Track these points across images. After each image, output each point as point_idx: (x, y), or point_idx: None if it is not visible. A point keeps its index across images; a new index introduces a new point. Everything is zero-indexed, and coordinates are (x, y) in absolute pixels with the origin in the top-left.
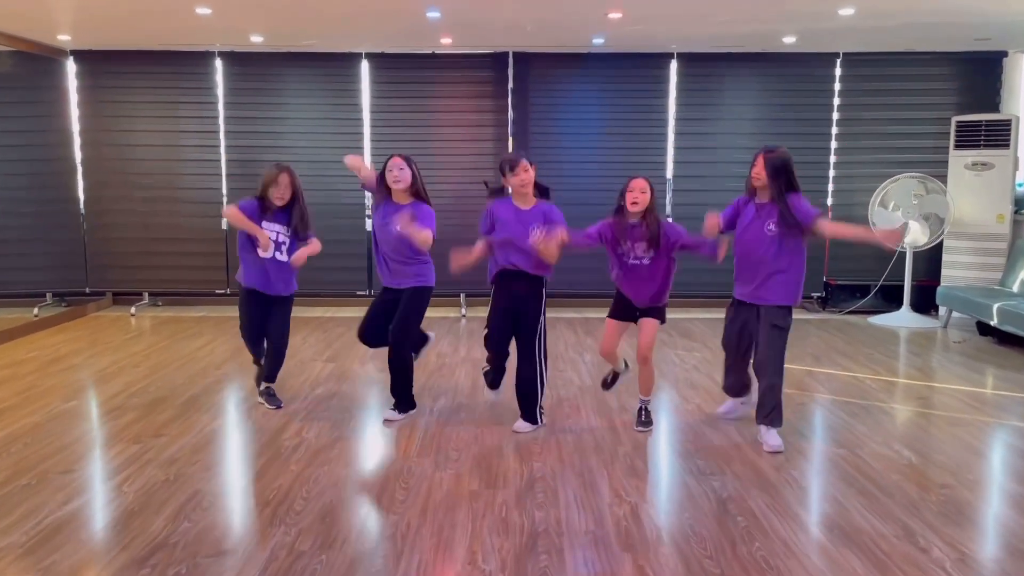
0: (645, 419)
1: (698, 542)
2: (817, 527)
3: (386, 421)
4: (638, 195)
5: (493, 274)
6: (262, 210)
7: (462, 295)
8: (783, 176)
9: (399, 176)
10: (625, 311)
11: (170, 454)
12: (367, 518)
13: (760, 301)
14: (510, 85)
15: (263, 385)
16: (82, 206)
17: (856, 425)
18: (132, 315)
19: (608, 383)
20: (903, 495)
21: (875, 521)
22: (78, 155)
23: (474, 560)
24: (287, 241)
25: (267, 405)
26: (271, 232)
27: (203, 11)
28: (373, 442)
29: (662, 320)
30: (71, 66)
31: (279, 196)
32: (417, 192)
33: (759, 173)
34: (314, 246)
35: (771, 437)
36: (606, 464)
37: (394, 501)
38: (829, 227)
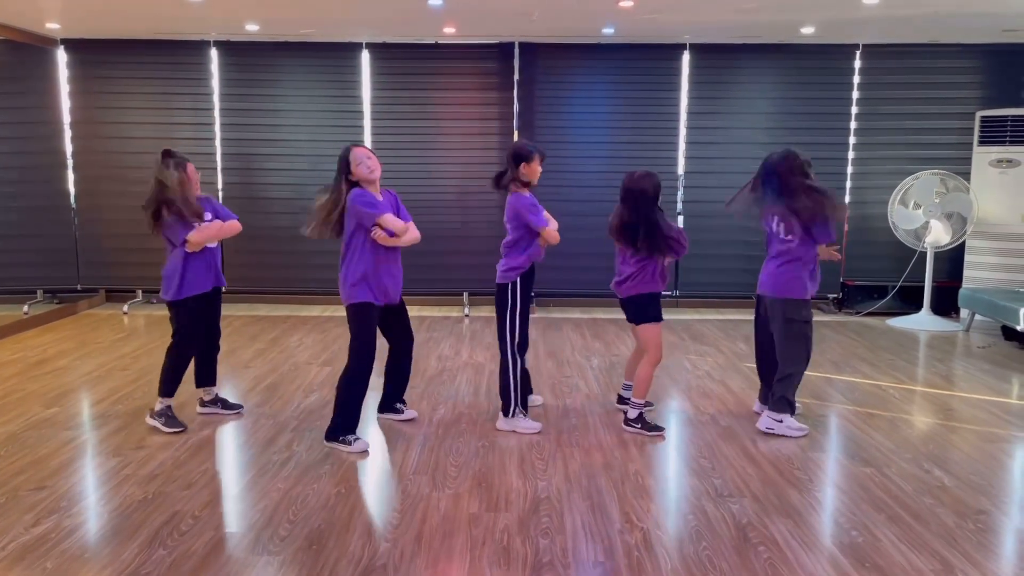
0: (633, 418)
1: None
2: (847, 560)
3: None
4: None
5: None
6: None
7: (465, 294)
8: None
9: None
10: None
11: (150, 469)
12: (356, 546)
13: None
14: (516, 76)
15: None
16: (73, 200)
17: (882, 440)
18: (125, 313)
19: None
20: (938, 522)
21: (909, 553)
22: (69, 148)
23: None
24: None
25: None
26: (207, 218)
27: None
28: (367, 457)
29: (646, 320)
30: (61, 56)
31: (198, 187)
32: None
33: None
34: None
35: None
36: (616, 484)
37: (387, 525)
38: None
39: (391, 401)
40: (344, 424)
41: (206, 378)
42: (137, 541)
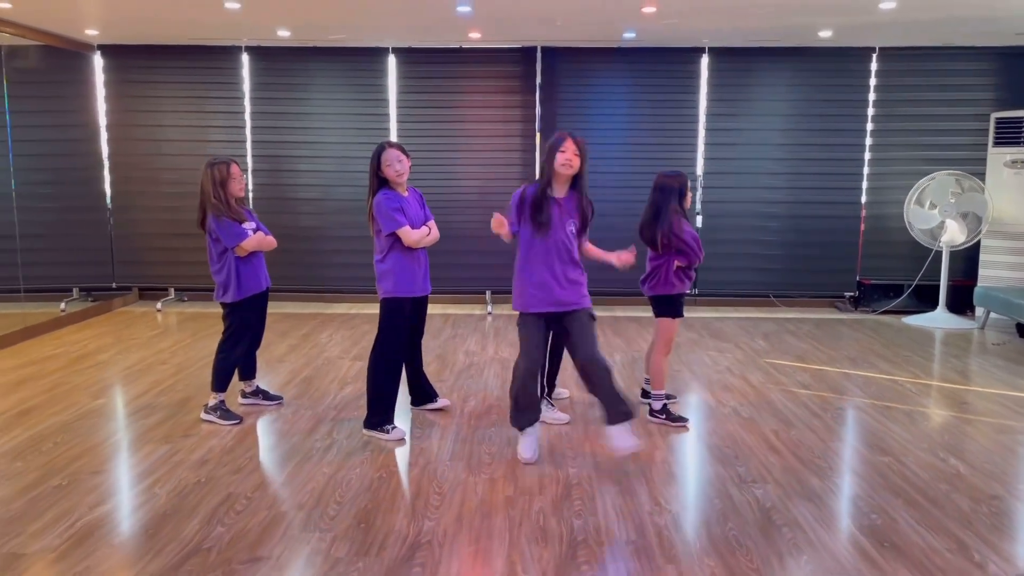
0: (658, 410)
1: (744, 554)
2: (867, 540)
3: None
4: None
5: None
6: (236, 219)
7: (488, 292)
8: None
9: (407, 168)
10: None
11: (200, 455)
12: (402, 524)
13: None
14: (538, 80)
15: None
16: (109, 201)
17: (899, 431)
18: (158, 310)
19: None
20: (953, 507)
21: (926, 534)
22: (105, 150)
23: (514, 570)
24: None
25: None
26: (249, 227)
27: (232, 5)
28: (404, 444)
29: (665, 315)
30: (98, 61)
31: (240, 188)
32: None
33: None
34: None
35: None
36: (643, 470)
37: (428, 507)
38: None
39: (420, 391)
40: (382, 413)
41: (247, 371)
42: (196, 519)
